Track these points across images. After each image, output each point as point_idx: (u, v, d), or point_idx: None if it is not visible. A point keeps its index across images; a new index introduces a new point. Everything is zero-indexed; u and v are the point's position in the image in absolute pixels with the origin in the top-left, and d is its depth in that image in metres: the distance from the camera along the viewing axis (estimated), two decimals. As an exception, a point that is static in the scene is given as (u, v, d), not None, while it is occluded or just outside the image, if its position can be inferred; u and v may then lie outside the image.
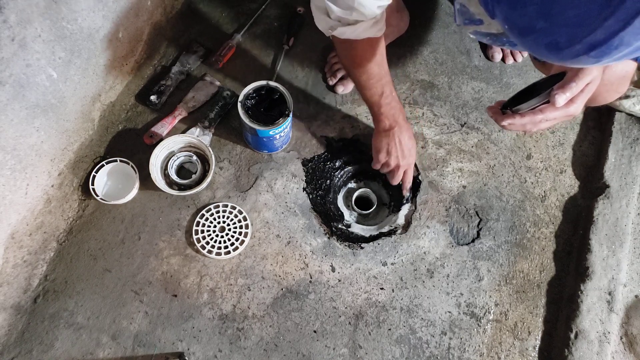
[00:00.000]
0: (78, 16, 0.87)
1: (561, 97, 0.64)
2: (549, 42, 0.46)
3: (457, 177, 1.11)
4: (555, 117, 0.68)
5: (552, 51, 0.47)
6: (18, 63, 0.76)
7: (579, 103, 0.67)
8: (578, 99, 0.66)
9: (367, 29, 0.79)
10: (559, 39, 0.45)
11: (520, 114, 0.69)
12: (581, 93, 0.66)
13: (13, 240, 0.91)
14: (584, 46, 0.44)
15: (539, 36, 0.47)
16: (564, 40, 0.45)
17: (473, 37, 0.67)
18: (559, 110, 0.66)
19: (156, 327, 0.96)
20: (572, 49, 0.45)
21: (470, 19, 0.71)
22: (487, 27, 0.68)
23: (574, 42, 0.44)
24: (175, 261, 1.00)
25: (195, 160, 1.06)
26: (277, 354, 0.96)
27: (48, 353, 0.93)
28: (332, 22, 0.78)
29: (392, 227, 1.08)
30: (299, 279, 1.01)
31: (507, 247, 1.07)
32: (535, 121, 0.69)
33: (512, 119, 0.70)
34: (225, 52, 1.16)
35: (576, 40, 0.44)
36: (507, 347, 0.99)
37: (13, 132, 0.81)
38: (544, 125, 0.70)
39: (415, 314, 1.00)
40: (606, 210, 1.06)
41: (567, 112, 0.67)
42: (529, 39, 0.48)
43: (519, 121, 0.69)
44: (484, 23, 0.69)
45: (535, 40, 0.48)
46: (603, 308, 1.00)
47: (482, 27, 0.70)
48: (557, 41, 0.46)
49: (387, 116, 0.96)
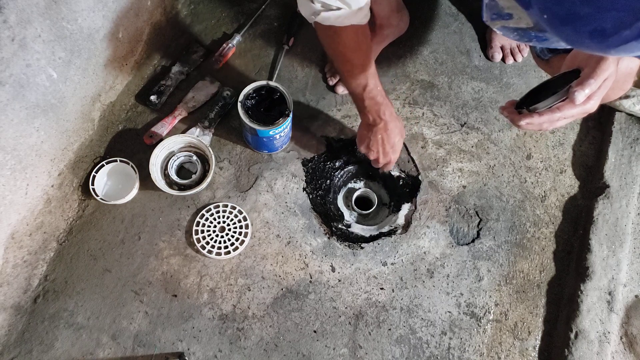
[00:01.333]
0: (78, 16, 0.87)
1: (581, 94, 0.63)
2: (593, 29, 0.44)
3: (457, 177, 1.11)
4: (573, 115, 0.67)
5: (596, 39, 0.44)
6: (18, 63, 0.76)
7: (596, 100, 0.66)
8: (595, 96, 0.65)
9: (351, 15, 0.78)
10: (605, 25, 0.42)
11: (538, 113, 0.69)
12: (598, 89, 0.65)
13: (13, 241, 0.91)
14: (634, 32, 0.41)
15: (582, 24, 0.44)
16: (611, 26, 0.42)
17: (500, 33, 0.66)
18: (577, 108, 0.66)
19: (156, 327, 0.96)
20: (619, 36, 0.42)
21: (498, 14, 0.69)
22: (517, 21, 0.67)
23: (623, 28, 0.41)
24: (175, 261, 1.00)
25: (195, 160, 1.06)
26: (277, 354, 0.96)
27: (48, 353, 0.93)
28: (316, 7, 0.77)
29: (392, 227, 1.08)
30: (299, 279, 1.01)
31: (507, 247, 1.07)
32: (553, 119, 0.68)
33: (530, 118, 0.69)
34: (225, 52, 1.16)
35: (625, 25, 0.41)
36: (507, 347, 0.99)
37: (13, 132, 0.81)
38: (560, 123, 0.69)
39: (415, 314, 1.00)
40: (606, 210, 1.06)
41: (584, 109, 0.66)
42: (569, 28, 0.46)
43: (537, 120, 0.68)
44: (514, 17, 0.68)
45: (576, 29, 0.45)
46: (603, 308, 1.00)
47: (510, 21, 0.69)
48: (602, 28, 0.43)
49: (370, 111, 0.93)
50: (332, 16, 0.77)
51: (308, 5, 0.78)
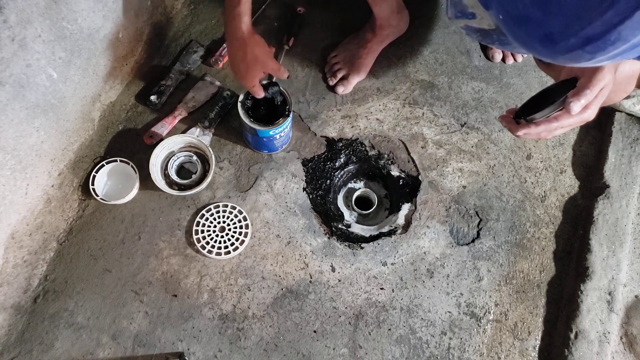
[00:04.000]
0: (78, 16, 0.87)
1: (576, 105, 0.63)
2: (543, 34, 0.45)
3: (457, 177, 1.11)
4: (571, 124, 0.68)
5: (546, 45, 0.46)
6: (18, 63, 0.76)
7: (594, 108, 0.66)
8: (592, 105, 0.65)
9: None
10: (553, 30, 0.44)
11: (535, 123, 0.69)
12: (595, 98, 0.65)
13: (13, 240, 0.91)
14: (579, 40, 0.42)
15: (533, 27, 0.45)
16: (559, 32, 0.43)
17: (464, 32, 0.66)
18: (574, 117, 0.66)
19: (156, 327, 0.96)
20: (566, 43, 0.43)
21: (462, 12, 0.69)
22: (479, 21, 0.67)
23: (569, 35, 0.42)
24: (175, 261, 1.00)
25: (195, 160, 1.06)
26: (277, 354, 0.96)
27: (48, 353, 0.93)
28: None
29: (392, 227, 1.08)
30: (299, 279, 1.01)
31: (507, 247, 1.07)
32: (551, 129, 0.68)
33: (527, 128, 0.69)
34: (225, 52, 1.16)
35: (571, 32, 0.42)
36: (507, 347, 0.99)
37: (13, 132, 0.81)
38: (558, 132, 0.70)
39: (415, 314, 1.00)
40: (606, 210, 1.06)
41: (581, 118, 0.67)
42: (522, 31, 0.47)
43: (534, 130, 0.69)
44: (477, 17, 0.68)
45: (529, 32, 0.46)
46: (603, 308, 1.00)
47: (473, 21, 0.69)
48: (551, 33, 0.44)
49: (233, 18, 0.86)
50: None
51: None
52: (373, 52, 1.16)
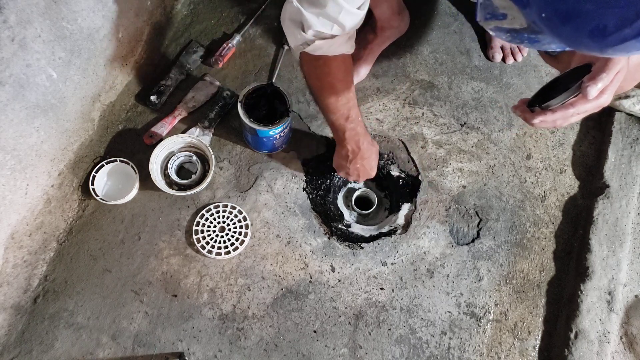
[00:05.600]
0: (78, 16, 0.87)
1: (593, 89, 0.62)
2: (594, 27, 0.43)
3: (457, 177, 1.11)
4: (587, 110, 0.67)
5: (596, 37, 0.44)
6: (18, 63, 0.76)
7: (609, 93, 0.65)
8: (608, 89, 0.65)
9: (343, 43, 0.77)
10: (607, 23, 0.42)
11: (551, 110, 0.68)
12: (611, 83, 0.64)
13: (13, 241, 0.91)
14: (633, 30, 0.41)
15: (583, 21, 0.44)
16: (613, 24, 0.42)
17: (493, 34, 0.66)
18: (591, 103, 0.65)
19: (156, 327, 0.96)
20: (620, 34, 0.42)
21: (493, 14, 0.69)
22: (511, 21, 0.67)
23: (624, 26, 0.41)
24: (175, 261, 1.00)
25: (195, 160, 1.06)
26: (277, 354, 0.96)
27: (48, 353, 0.93)
28: (308, 37, 0.76)
29: (392, 227, 1.08)
30: (299, 279, 1.01)
31: (507, 247, 1.07)
32: (567, 116, 0.67)
33: (543, 116, 0.68)
34: (225, 52, 1.16)
35: (627, 23, 0.41)
36: (507, 347, 0.99)
37: (13, 132, 0.81)
38: (574, 119, 0.69)
39: (415, 314, 1.00)
40: (606, 210, 1.06)
41: (597, 104, 0.66)
42: (568, 27, 0.46)
43: (550, 117, 0.68)
44: (508, 18, 0.67)
45: (577, 27, 0.45)
46: (603, 308, 1.00)
47: (504, 22, 0.68)
48: (605, 26, 0.43)
49: (349, 142, 0.93)
50: (325, 45, 0.76)
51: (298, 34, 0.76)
52: (374, 53, 1.16)
